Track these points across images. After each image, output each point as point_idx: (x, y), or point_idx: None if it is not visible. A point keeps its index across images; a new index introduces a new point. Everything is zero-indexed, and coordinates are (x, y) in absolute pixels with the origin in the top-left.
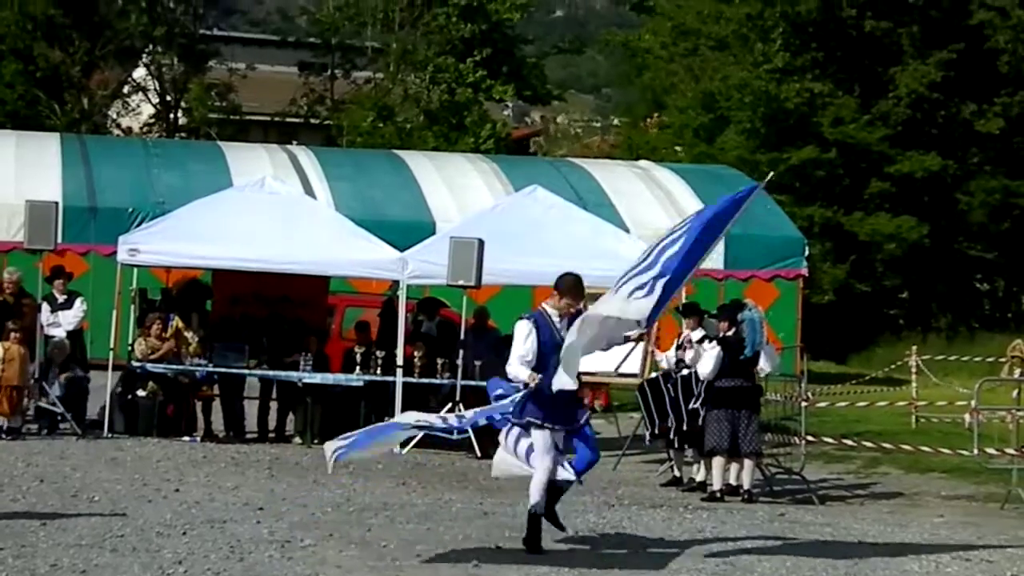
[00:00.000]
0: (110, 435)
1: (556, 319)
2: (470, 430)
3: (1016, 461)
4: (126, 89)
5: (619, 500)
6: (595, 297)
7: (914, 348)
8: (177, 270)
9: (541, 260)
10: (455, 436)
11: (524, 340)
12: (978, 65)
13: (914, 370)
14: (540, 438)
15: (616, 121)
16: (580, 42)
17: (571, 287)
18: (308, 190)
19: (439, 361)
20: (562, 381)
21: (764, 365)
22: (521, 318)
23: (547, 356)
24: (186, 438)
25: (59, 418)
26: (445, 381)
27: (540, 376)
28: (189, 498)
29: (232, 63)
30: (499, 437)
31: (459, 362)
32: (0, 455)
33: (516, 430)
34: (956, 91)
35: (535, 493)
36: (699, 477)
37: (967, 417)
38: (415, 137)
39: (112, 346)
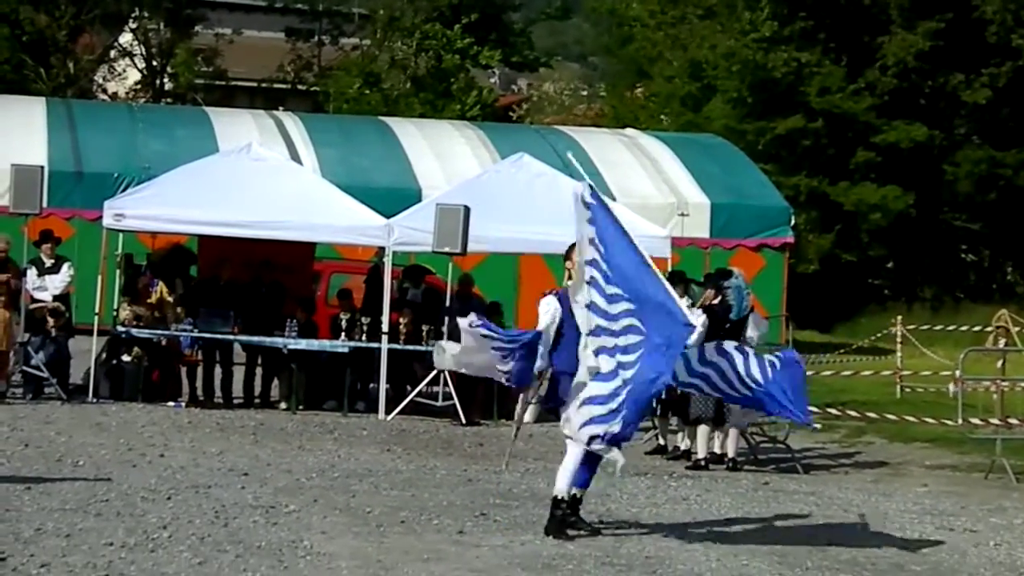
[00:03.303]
0: (95, 400)
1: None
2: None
3: (1000, 431)
4: (112, 54)
5: (603, 468)
6: None
7: (899, 318)
8: (163, 235)
9: (527, 228)
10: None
11: (545, 318)
12: (966, 35)
13: (899, 340)
14: None
15: (603, 91)
16: (567, 8)
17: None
18: (294, 156)
19: (424, 328)
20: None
21: (751, 332)
22: (546, 294)
23: (568, 333)
24: (171, 403)
25: (44, 383)
26: (430, 348)
27: (549, 368)
28: (174, 463)
29: (219, 28)
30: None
31: (444, 329)
32: None
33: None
34: (943, 61)
35: (562, 478)
36: (684, 445)
37: (951, 387)
38: (401, 104)
39: (97, 311)
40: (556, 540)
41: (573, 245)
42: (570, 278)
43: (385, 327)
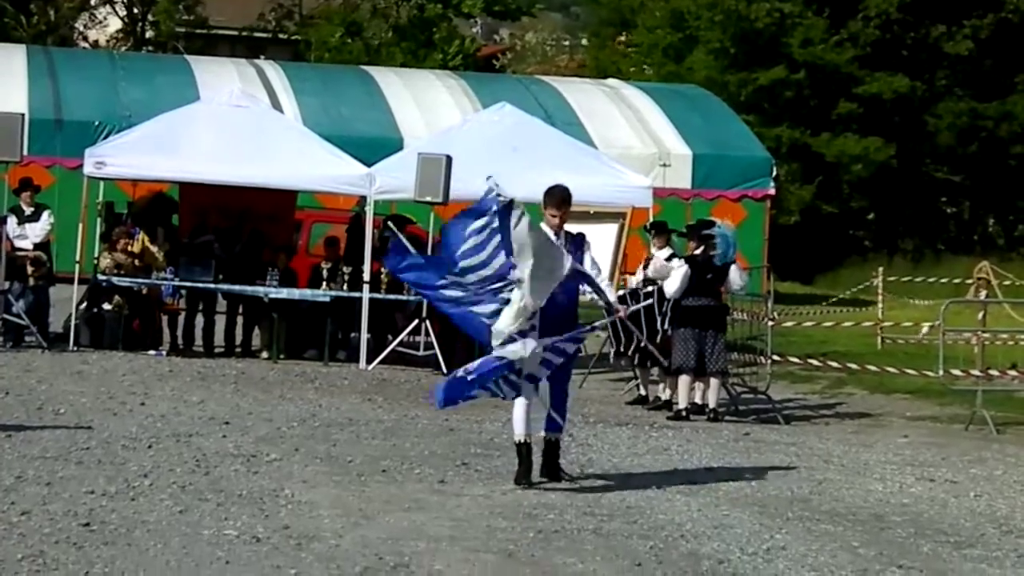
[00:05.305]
0: (76, 348)
1: (552, 236)
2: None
3: (980, 383)
4: (93, 1)
5: (584, 418)
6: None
7: (880, 269)
8: (144, 183)
9: (509, 177)
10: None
11: None
12: None
13: (880, 291)
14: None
15: (585, 40)
16: None
17: (546, 195)
18: (276, 105)
19: None
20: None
21: (734, 279)
22: None
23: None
24: (152, 352)
25: (25, 331)
26: (411, 297)
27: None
28: (155, 412)
29: None
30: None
31: None
32: None
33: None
34: (926, 12)
35: (516, 422)
36: (665, 396)
37: (925, 327)
38: (383, 53)
39: (78, 259)
40: (536, 489)
41: (549, 190)
42: (556, 232)
43: (366, 276)
